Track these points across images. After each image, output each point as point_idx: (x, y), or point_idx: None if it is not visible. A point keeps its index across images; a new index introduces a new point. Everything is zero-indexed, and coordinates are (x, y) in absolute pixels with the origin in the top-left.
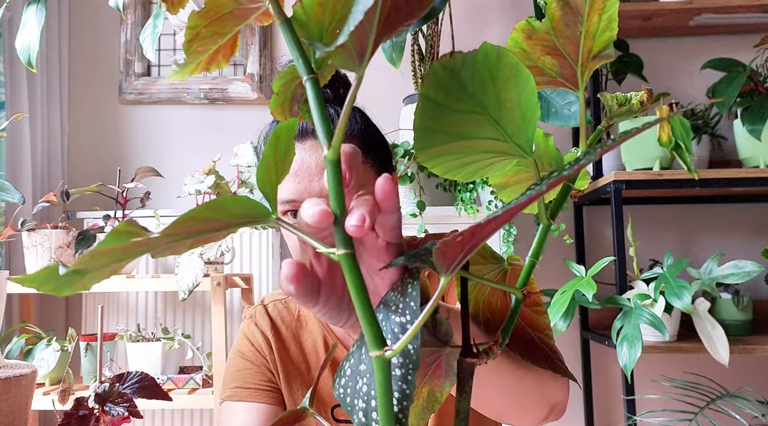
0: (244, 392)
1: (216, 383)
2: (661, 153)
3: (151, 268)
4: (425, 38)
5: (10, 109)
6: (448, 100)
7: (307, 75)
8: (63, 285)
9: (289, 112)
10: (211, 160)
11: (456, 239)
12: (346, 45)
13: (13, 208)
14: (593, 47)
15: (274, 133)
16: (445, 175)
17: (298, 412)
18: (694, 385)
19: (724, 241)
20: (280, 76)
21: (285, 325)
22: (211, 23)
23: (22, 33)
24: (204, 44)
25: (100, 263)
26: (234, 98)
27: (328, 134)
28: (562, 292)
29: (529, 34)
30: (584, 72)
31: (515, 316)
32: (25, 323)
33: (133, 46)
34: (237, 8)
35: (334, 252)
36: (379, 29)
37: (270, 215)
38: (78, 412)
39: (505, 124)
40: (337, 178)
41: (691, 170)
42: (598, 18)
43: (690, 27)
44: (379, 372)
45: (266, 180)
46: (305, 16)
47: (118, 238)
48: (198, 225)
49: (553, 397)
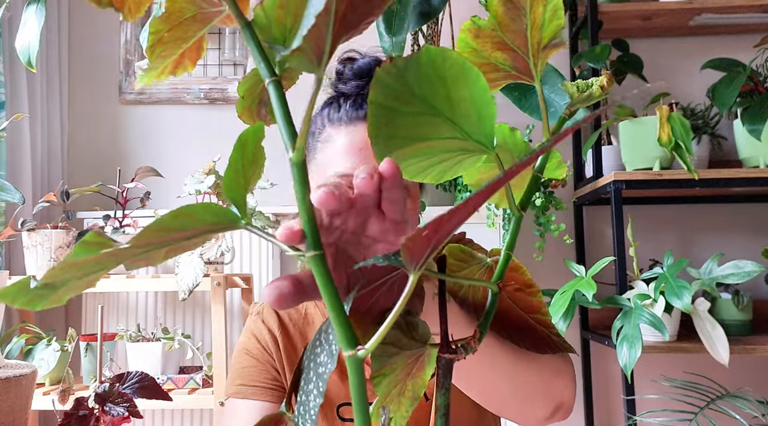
0: (248, 390)
1: (216, 383)
2: (661, 153)
3: (151, 268)
4: (425, 38)
5: (10, 109)
6: (398, 104)
7: (269, 78)
8: (35, 299)
9: (256, 115)
10: (211, 160)
11: (422, 234)
12: (303, 48)
13: (13, 208)
14: (542, 38)
15: (240, 138)
16: (414, 178)
17: (276, 417)
18: (694, 385)
19: (724, 241)
20: (244, 80)
21: (293, 323)
22: (173, 28)
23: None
24: (168, 49)
25: (73, 275)
26: (234, 98)
27: (291, 136)
28: (562, 292)
29: (476, 32)
30: (537, 63)
31: (493, 310)
32: (25, 323)
33: (133, 46)
34: (198, 12)
35: (303, 254)
36: (335, 29)
37: (240, 221)
38: (78, 412)
39: (461, 123)
40: (303, 180)
41: (691, 170)
42: (543, 8)
43: (690, 27)
44: (353, 372)
45: (234, 186)
46: (266, 19)
47: (87, 249)
48: (168, 234)
49: (558, 395)
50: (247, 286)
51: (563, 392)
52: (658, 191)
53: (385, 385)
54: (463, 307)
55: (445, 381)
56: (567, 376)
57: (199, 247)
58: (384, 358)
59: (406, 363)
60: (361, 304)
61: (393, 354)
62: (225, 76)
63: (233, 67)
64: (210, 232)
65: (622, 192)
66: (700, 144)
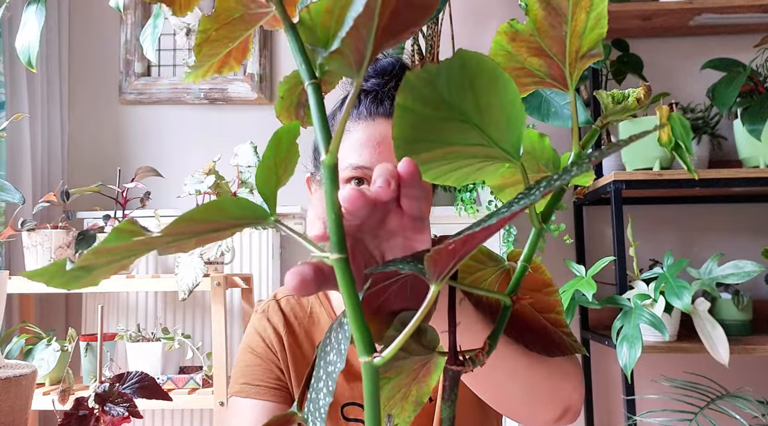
0: (252, 389)
1: (216, 383)
2: (661, 153)
3: (151, 268)
4: (425, 38)
5: (10, 109)
6: (426, 110)
7: (309, 80)
8: (71, 280)
9: (294, 115)
10: (211, 160)
11: (448, 247)
12: (343, 51)
13: (13, 208)
14: (581, 46)
15: (275, 135)
16: (434, 181)
17: (287, 417)
18: (694, 385)
19: (724, 241)
20: (285, 81)
21: (298, 322)
22: (221, 27)
23: (22, 33)
24: (214, 48)
25: (105, 260)
26: (234, 98)
27: (326, 140)
28: (562, 292)
29: (512, 36)
30: (573, 72)
31: (503, 323)
32: (25, 323)
33: (133, 46)
34: (246, 13)
35: (327, 256)
36: (378, 35)
37: (269, 217)
38: (78, 412)
39: (488, 130)
40: (334, 182)
41: (691, 170)
42: (586, 16)
43: (690, 27)
44: (367, 378)
45: (266, 182)
46: (312, 22)
47: (120, 236)
48: (198, 225)
49: (567, 398)
50: (247, 286)
51: (572, 395)
52: (658, 191)
53: (389, 388)
54: (478, 307)
55: (452, 393)
56: (575, 379)
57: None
58: (391, 361)
59: (412, 368)
60: (372, 302)
61: (400, 358)
62: (225, 77)
63: None
64: (239, 226)
65: (622, 192)
66: (700, 144)
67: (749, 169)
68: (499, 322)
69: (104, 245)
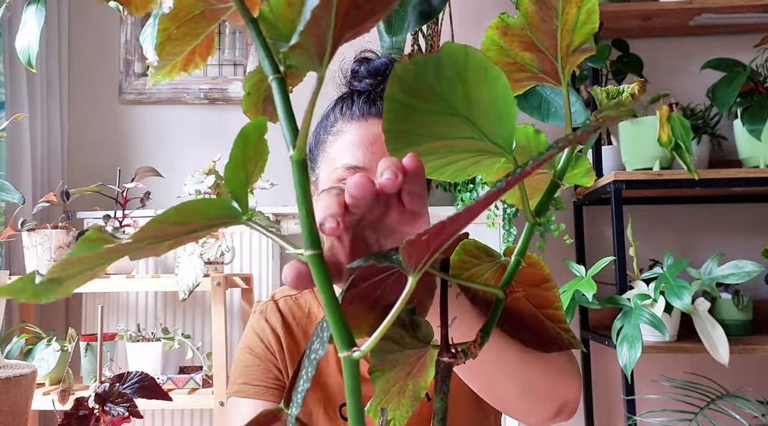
0: (251, 389)
1: (216, 383)
2: (661, 153)
3: (151, 268)
4: (425, 38)
5: (10, 109)
6: (415, 102)
7: (272, 75)
8: (41, 293)
9: (261, 112)
10: (211, 160)
11: (421, 238)
12: (303, 44)
13: (13, 208)
14: (572, 41)
15: (241, 132)
16: (429, 175)
17: (274, 413)
18: (694, 385)
19: (724, 241)
20: (250, 76)
21: (296, 322)
22: (182, 25)
23: (22, 33)
24: (177, 46)
25: (76, 270)
26: (234, 98)
27: (293, 134)
28: (562, 292)
29: (504, 30)
30: (565, 66)
31: (496, 316)
32: (25, 323)
33: (133, 46)
34: (207, 9)
35: (302, 253)
36: (337, 27)
37: (241, 216)
38: (78, 412)
39: (479, 124)
40: (303, 178)
41: (691, 170)
42: (577, 11)
43: (690, 27)
44: (347, 373)
45: (235, 181)
46: (273, 16)
47: (90, 246)
48: (172, 228)
49: (564, 394)
50: (247, 286)
51: (568, 392)
52: (658, 191)
53: (383, 381)
54: (475, 303)
55: (444, 385)
56: (572, 376)
57: (201, 240)
58: (384, 353)
59: (407, 361)
60: (367, 297)
61: (394, 351)
62: (225, 76)
63: (233, 67)
64: (212, 227)
65: (622, 192)
66: (700, 144)
67: (749, 169)
68: (492, 314)
69: (74, 255)
